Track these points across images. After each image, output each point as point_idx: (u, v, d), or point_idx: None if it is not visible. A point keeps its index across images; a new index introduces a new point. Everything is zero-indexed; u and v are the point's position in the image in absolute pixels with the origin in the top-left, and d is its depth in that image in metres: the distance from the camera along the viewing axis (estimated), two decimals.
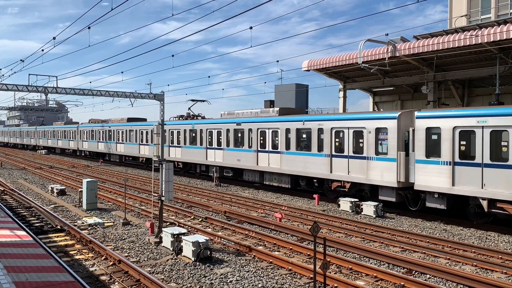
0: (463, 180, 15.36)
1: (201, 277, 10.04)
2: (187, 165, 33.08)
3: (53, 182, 28.29)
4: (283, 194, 23.43)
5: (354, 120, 19.42)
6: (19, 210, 18.05)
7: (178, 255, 11.53)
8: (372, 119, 18.64)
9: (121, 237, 13.77)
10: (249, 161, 25.39)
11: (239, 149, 26.33)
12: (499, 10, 27.40)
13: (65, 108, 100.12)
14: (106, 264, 10.90)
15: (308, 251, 11.94)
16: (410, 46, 22.15)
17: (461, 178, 15.43)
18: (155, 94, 19.70)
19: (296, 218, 16.74)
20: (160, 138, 15.09)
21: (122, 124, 41.62)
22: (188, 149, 31.20)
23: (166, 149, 32.89)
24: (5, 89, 18.06)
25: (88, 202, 18.58)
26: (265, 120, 24.66)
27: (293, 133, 22.47)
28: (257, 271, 10.48)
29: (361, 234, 14.16)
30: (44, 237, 13.45)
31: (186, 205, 19.92)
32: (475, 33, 19.53)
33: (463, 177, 15.37)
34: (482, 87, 24.36)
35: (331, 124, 20.42)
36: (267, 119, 24.53)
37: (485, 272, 10.60)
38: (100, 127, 46.06)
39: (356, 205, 18.23)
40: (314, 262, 8.04)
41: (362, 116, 19.29)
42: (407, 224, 16.07)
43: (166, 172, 13.13)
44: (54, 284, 7.24)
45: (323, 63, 27.48)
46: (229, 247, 12.62)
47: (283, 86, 47.82)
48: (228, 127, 27.26)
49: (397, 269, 10.75)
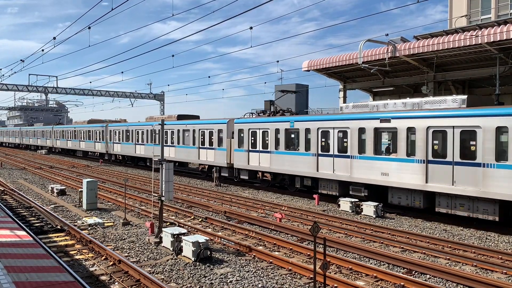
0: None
1: (201, 277, 10.04)
2: (278, 176, 24.70)
3: (53, 182, 28.29)
4: (283, 195, 23.44)
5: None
6: (19, 210, 18.05)
7: (178, 255, 11.53)
8: None
9: (121, 237, 13.77)
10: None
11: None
12: (499, 11, 27.40)
13: (65, 108, 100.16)
14: (106, 264, 10.90)
15: (308, 251, 11.94)
16: (410, 46, 22.17)
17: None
18: (155, 94, 19.74)
19: (296, 218, 16.74)
20: (160, 137, 15.08)
21: (172, 122, 33.46)
22: (282, 155, 23.12)
23: (244, 154, 25.66)
24: (5, 89, 18.12)
25: (88, 202, 18.58)
26: None
27: None
28: (257, 271, 10.48)
29: (361, 234, 14.16)
30: (44, 237, 13.45)
31: (186, 205, 19.92)
32: (475, 33, 19.54)
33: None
34: (482, 87, 24.37)
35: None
36: None
37: (485, 272, 10.59)
38: (139, 126, 38.25)
39: (356, 205, 18.23)
40: (314, 262, 8.04)
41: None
42: (407, 225, 16.07)
43: (166, 172, 13.12)
44: (54, 284, 7.25)
45: (323, 63, 27.49)
46: (229, 247, 12.62)
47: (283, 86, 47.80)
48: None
49: (397, 269, 10.75)
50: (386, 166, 17.60)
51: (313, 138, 21.06)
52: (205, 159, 29.66)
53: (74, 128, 53.06)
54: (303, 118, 22.17)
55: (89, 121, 51.57)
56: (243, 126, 25.90)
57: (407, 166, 16.79)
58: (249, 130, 25.39)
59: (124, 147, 40.90)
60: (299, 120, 22.13)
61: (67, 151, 57.87)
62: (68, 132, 54.96)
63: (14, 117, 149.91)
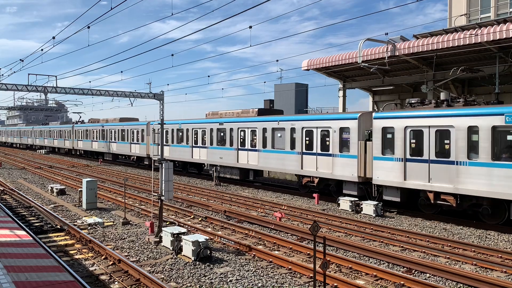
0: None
1: (201, 276, 10.04)
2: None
3: (53, 181, 28.28)
4: (283, 194, 23.44)
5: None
6: (19, 209, 18.04)
7: (178, 255, 11.53)
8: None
9: (121, 236, 13.76)
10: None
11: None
12: (498, 9, 27.40)
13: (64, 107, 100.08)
14: (106, 264, 10.90)
15: (308, 250, 11.94)
16: (410, 45, 22.15)
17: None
18: (155, 94, 19.71)
19: (296, 218, 16.74)
20: (160, 137, 15.07)
21: (251, 119, 25.81)
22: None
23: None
24: (5, 88, 18.05)
25: (88, 201, 18.58)
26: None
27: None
28: (257, 270, 10.48)
29: (361, 233, 14.16)
30: (44, 237, 13.45)
31: (186, 204, 19.92)
32: (475, 32, 19.53)
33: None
34: (482, 86, 24.35)
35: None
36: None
37: (484, 271, 10.60)
38: (198, 124, 30.14)
39: (355, 204, 18.23)
40: (314, 261, 8.04)
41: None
42: (406, 223, 16.08)
43: (166, 171, 13.12)
44: (54, 284, 7.24)
45: (322, 62, 27.47)
46: (229, 246, 12.62)
47: (282, 85, 47.83)
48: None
49: (397, 268, 10.75)
50: None
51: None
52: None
53: (102, 127, 45.36)
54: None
55: (120, 119, 44.78)
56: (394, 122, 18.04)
57: None
58: (407, 129, 17.49)
59: (176, 150, 32.74)
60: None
61: (90, 154, 50.98)
62: (94, 132, 47.29)
63: (13, 116, 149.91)
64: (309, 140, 21.67)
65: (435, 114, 16.37)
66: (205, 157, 29.38)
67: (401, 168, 17.32)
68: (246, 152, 25.94)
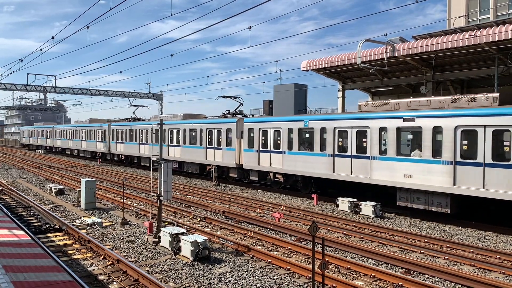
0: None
1: (199, 276, 10.03)
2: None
3: (52, 181, 28.25)
4: (282, 194, 23.45)
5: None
6: (17, 209, 18.02)
7: (176, 255, 11.52)
8: None
9: (120, 236, 13.76)
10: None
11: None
12: (497, 11, 27.45)
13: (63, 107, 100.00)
14: (104, 264, 10.89)
15: (307, 251, 11.95)
16: (409, 46, 22.19)
17: None
18: (154, 94, 19.71)
19: (294, 218, 16.75)
20: (159, 137, 15.06)
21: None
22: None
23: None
24: (4, 88, 18.07)
25: (87, 201, 18.56)
26: None
27: None
28: (255, 270, 10.48)
29: (359, 234, 14.17)
30: (43, 237, 13.43)
31: (184, 204, 19.91)
32: (474, 33, 19.56)
33: None
34: (481, 88, 24.41)
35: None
36: None
37: (483, 272, 10.61)
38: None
39: (354, 205, 18.24)
40: (312, 262, 8.04)
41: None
42: (405, 224, 16.09)
43: (165, 171, 13.12)
44: (53, 284, 7.23)
45: (322, 63, 27.51)
46: (227, 246, 12.62)
47: (282, 86, 47.79)
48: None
49: (396, 269, 10.76)
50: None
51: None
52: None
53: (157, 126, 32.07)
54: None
55: (184, 115, 33.71)
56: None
57: None
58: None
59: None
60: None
61: (137, 161, 38.44)
62: (143, 133, 36.77)
63: (13, 116, 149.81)
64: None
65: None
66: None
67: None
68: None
